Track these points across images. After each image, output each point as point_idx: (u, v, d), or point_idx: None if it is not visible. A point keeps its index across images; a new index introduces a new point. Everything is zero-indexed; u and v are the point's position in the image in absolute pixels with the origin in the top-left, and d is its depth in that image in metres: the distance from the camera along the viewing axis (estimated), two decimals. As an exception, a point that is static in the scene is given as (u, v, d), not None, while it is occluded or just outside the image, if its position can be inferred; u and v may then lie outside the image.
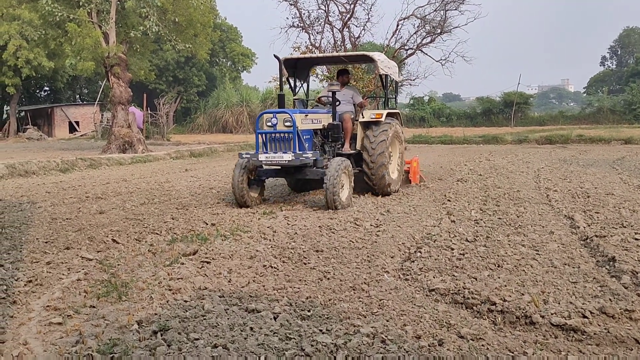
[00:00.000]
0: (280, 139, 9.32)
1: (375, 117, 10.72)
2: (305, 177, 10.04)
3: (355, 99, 11.28)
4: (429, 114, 54.22)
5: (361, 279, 5.50)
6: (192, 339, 3.95)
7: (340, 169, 9.18)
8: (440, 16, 28.23)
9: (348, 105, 11.16)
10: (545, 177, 13.76)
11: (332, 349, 3.80)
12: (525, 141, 30.28)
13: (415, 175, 12.76)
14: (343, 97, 11.09)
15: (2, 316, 4.51)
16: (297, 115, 9.31)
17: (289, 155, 9.03)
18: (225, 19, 62.36)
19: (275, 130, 9.31)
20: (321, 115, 10.43)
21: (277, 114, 9.35)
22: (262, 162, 9.24)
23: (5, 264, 6.04)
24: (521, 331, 4.26)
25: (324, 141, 10.55)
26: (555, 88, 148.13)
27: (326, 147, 10.55)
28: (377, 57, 10.98)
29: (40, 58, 38.34)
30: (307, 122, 9.73)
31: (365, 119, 10.81)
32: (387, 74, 11.34)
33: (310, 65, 12.51)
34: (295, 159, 9.00)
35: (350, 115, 10.76)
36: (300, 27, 27.79)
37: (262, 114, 9.66)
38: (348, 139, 10.76)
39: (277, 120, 9.31)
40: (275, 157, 9.13)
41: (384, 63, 11.12)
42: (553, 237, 7.12)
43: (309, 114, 9.97)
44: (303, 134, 9.43)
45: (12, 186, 13.16)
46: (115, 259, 6.32)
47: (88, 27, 23.11)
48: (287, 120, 9.24)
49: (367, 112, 10.98)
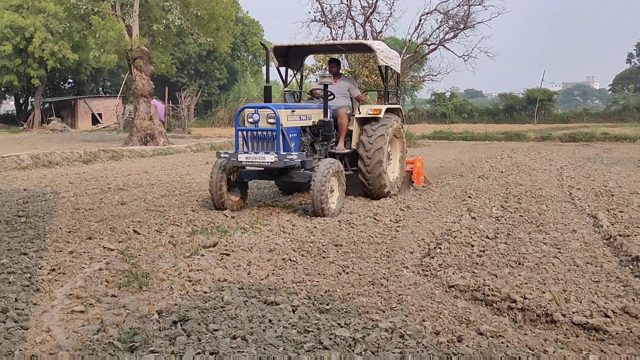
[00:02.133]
0: (262, 138, 8.36)
1: (373, 113, 9.78)
2: (292, 180, 9.10)
3: (352, 92, 10.41)
4: (451, 110, 53.82)
5: (380, 274, 5.49)
6: (212, 330, 3.98)
7: (330, 171, 8.21)
8: (464, 11, 27.92)
9: (344, 99, 10.24)
10: (568, 175, 13.61)
11: (350, 343, 3.80)
12: (548, 138, 29.98)
13: (418, 176, 11.70)
14: (338, 90, 10.13)
15: (25, 303, 4.57)
16: (281, 111, 8.33)
17: (272, 156, 8.08)
18: (247, 12, 62.42)
19: (257, 128, 8.33)
20: (311, 111, 9.40)
21: (259, 109, 8.35)
22: (242, 162, 8.29)
23: (29, 253, 6.12)
24: (542, 329, 4.22)
25: (314, 140, 9.52)
26: (580, 85, 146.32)
27: (317, 146, 9.54)
28: (377, 47, 10.01)
29: (65, 50, 38.73)
30: (293, 118, 8.76)
31: (362, 114, 9.87)
32: (387, 65, 10.25)
33: (303, 54, 11.43)
34: (279, 160, 8.06)
35: (346, 111, 9.85)
36: (322, 22, 27.64)
37: (243, 108, 8.61)
38: (343, 137, 9.86)
39: (259, 116, 8.31)
40: (256, 157, 8.17)
41: (383, 53, 10.10)
42: (575, 235, 7.05)
43: (297, 109, 8.96)
44: (289, 132, 8.49)
45: (36, 176, 13.32)
46: (136, 250, 6.38)
47: (112, 20, 23.28)
48: (271, 116, 8.24)
49: (364, 107, 10.06)
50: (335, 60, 10.77)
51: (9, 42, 38.56)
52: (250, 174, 9.07)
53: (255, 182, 10.94)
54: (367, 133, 9.64)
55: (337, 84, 10.13)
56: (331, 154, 9.58)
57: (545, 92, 52.69)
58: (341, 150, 9.73)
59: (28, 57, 40.10)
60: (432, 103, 57.36)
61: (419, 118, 51.46)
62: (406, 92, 55.92)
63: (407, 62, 29.25)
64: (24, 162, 15.32)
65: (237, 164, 8.48)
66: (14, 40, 38.56)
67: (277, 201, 10.07)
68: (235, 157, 8.28)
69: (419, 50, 29.10)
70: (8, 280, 5.11)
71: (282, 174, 8.70)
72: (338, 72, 10.55)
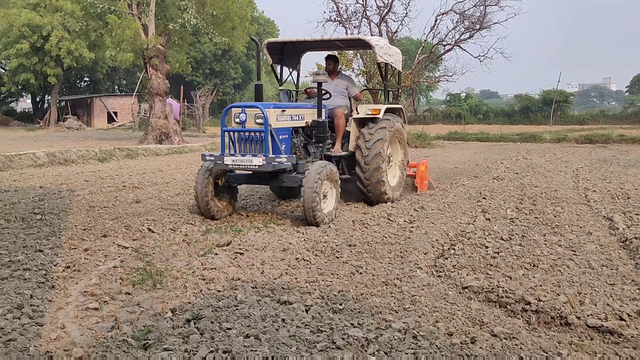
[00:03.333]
0: (249, 139, 7.69)
1: (371, 113, 9.17)
2: (283, 185, 8.53)
3: (350, 91, 9.78)
4: (466, 111, 53.65)
5: (394, 275, 5.48)
6: (225, 329, 3.99)
7: (322, 175, 7.61)
8: (480, 11, 27.83)
9: (341, 98, 9.60)
10: (584, 176, 13.51)
11: (363, 343, 3.80)
12: (564, 140, 29.76)
13: (422, 181, 11.06)
14: (335, 88, 9.51)
15: (41, 300, 4.61)
16: (270, 111, 7.70)
17: (259, 159, 7.43)
18: (262, 12, 62.58)
19: (244, 129, 7.67)
20: (305, 111, 8.74)
21: (246, 109, 7.71)
22: (227, 165, 7.67)
23: (45, 250, 6.17)
24: (556, 332, 4.20)
25: (308, 141, 8.85)
26: (597, 87, 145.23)
27: (311, 148, 8.85)
28: (375, 42, 9.35)
29: (82, 49, 39.06)
30: (284, 118, 8.11)
31: (360, 115, 9.25)
32: (387, 62, 9.59)
33: (300, 50, 10.68)
34: (267, 163, 7.41)
35: (343, 111, 9.19)
36: (337, 21, 27.67)
37: (229, 107, 7.96)
38: (340, 138, 9.17)
39: (247, 116, 7.66)
40: (243, 160, 7.53)
41: (382, 49, 9.44)
42: (591, 237, 6.99)
43: (288, 108, 8.31)
44: (278, 133, 7.87)
45: (52, 174, 13.43)
46: (150, 248, 6.41)
47: (128, 19, 23.42)
48: (259, 116, 7.62)
49: (362, 106, 9.45)
50: (333, 57, 10.08)
51: (26, 41, 38.96)
52: (238, 178, 8.47)
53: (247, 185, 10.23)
54: (365, 137, 9.04)
55: (334, 81, 9.64)
56: (327, 157, 8.94)
57: (561, 93, 52.40)
58: (338, 153, 9.07)
59: (45, 56, 40.47)
60: (447, 104, 57.24)
61: (433, 118, 51.37)
62: (421, 93, 55.83)
63: (423, 62, 29.20)
64: (40, 159, 15.46)
65: (223, 167, 7.86)
66: (31, 38, 38.94)
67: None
68: (221, 160, 7.66)
69: (434, 50, 29.05)
70: (24, 277, 5.15)
71: (272, 178, 8.17)
72: (335, 69, 9.96)
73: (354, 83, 10.11)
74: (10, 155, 14.87)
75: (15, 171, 13.83)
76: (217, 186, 8.22)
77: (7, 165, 14.32)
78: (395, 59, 10.06)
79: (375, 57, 9.34)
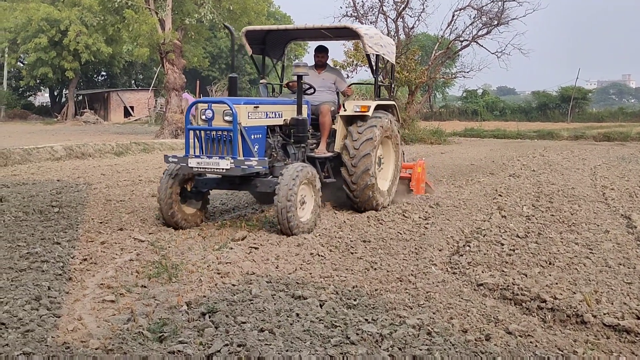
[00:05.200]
0: (217, 139, 6.81)
1: (360, 110, 8.28)
2: (256, 190, 7.62)
3: (338, 85, 8.87)
4: (482, 107, 53.27)
5: (408, 271, 5.47)
6: (239, 322, 4.01)
7: (298, 179, 6.73)
8: (498, 7, 27.72)
9: (329, 93, 8.74)
10: (602, 174, 13.39)
11: (377, 339, 3.80)
12: (582, 137, 29.53)
13: (418, 184, 9.90)
14: (323, 82, 8.68)
15: (58, 292, 4.66)
16: (240, 107, 6.78)
17: (227, 162, 6.58)
18: (279, 7, 62.58)
19: (211, 127, 6.79)
20: (283, 107, 7.80)
21: (213, 105, 6.84)
22: (192, 169, 6.81)
23: (62, 242, 6.23)
24: (572, 330, 4.17)
25: (287, 141, 7.89)
26: (616, 84, 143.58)
27: (290, 149, 7.92)
28: (364, 32, 8.38)
29: (99, 44, 39.32)
30: (257, 116, 7.17)
31: (348, 112, 8.34)
32: (377, 53, 8.64)
33: (284, 40, 9.75)
34: (236, 166, 6.56)
35: (329, 107, 8.30)
36: (353, 17, 27.64)
37: (194, 103, 7.28)
38: (325, 138, 8.32)
39: (214, 112, 6.76)
40: (209, 163, 6.66)
41: (373, 39, 8.46)
42: (608, 236, 6.93)
43: (262, 104, 7.35)
44: (250, 132, 6.95)
45: (70, 167, 13.55)
46: (166, 242, 6.44)
47: (145, 14, 23.56)
48: (227, 113, 6.70)
49: (350, 103, 8.49)
50: (324, 48, 9.03)
51: (44, 35, 39.24)
52: (208, 182, 7.50)
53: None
54: (352, 136, 8.15)
55: (321, 75, 8.78)
56: (310, 158, 8.08)
57: (579, 90, 51.87)
58: (322, 154, 8.17)
59: (63, 50, 40.76)
60: (463, 100, 56.87)
61: (449, 115, 51.04)
62: (437, 89, 55.53)
63: (439, 58, 29.09)
64: (58, 153, 15.61)
65: (187, 171, 6.99)
66: (49, 33, 39.22)
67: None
68: (184, 162, 6.80)
69: (451, 46, 28.91)
70: (41, 269, 5.21)
71: (244, 183, 7.29)
72: (325, 63, 9.05)
73: (343, 77, 9.32)
74: (28, 149, 15.02)
75: (33, 164, 13.97)
76: (185, 191, 7.33)
77: (26, 158, 14.46)
78: (388, 50, 9.07)
79: (364, 48, 8.37)
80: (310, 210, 7.11)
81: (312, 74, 8.56)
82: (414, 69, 26.28)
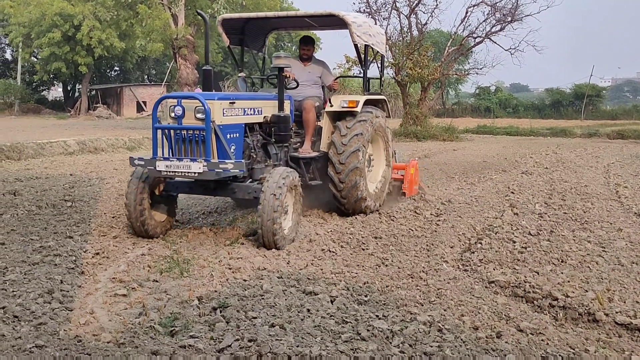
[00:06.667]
0: (188, 139, 6.00)
1: (348, 106, 7.64)
2: (233, 196, 7.02)
3: (324, 79, 8.25)
4: (495, 104, 53.01)
5: (419, 268, 5.47)
6: (250, 317, 4.02)
7: (284, 187, 6.01)
8: (512, 3, 27.51)
9: (314, 87, 8.10)
10: (615, 172, 13.29)
11: (388, 335, 3.80)
12: (595, 135, 29.30)
13: (411, 185, 9.22)
14: (308, 76, 8.04)
15: (70, 285, 4.69)
16: (214, 103, 5.97)
17: (199, 165, 5.79)
18: (291, 3, 62.50)
19: (181, 125, 5.96)
20: (263, 103, 7.02)
21: (183, 100, 6.00)
22: (161, 172, 6.00)
23: (75, 236, 6.28)
24: (583, 328, 4.15)
25: (267, 141, 7.13)
26: (630, 81, 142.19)
27: (272, 149, 7.19)
28: (351, 20, 7.59)
29: (112, 39, 39.41)
30: (233, 112, 6.35)
31: (334, 107, 7.71)
32: (366, 43, 7.98)
33: (265, 30, 9.01)
34: (209, 170, 5.77)
35: (314, 103, 7.68)
36: (366, 13, 27.51)
37: (162, 98, 6.28)
38: (310, 136, 7.68)
39: (184, 109, 5.93)
40: (179, 166, 5.88)
41: (361, 28, 7.79)
42: (621, 234, 6.89)
43: (239, 100, 6.53)
44: (226, 131, 6.13)
45: (82, 162, 13.63)
46: (177, 237, 6.48)
47: (158, 9, 23.63)
48: (199, 109, 5.89)
49: (336, 98, 7.85)
50: (311, 40, 8.42)
51: (58, 30, 39.39)
52: (179, 186, 6.80)
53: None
54: (340, 131, 7.49)
55: (306, 68, 8.13)
56: (293, 159, 7.45)
57: (593, 87, 51.47)
58: (307, 154, 7.53)
59: (76, 45, 40.90)
60: (476, 97, 56.61)
61: (462, 112, 50.86)
62: (450, 86, 55.32)
63: (452, 55, 28.95)
64: (71, 147, 15.71)
65: (155, 175, 6.20)
66: (63, 27, 39.36)
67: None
68: (152, 165, 5.99)
69: (464, 43, 28.75)
70: (54, 263, 5.25)
71: (220, 188, 6.53)
72: (311, 55, 8.37)
73: (330, 70, 8.60)
74: (41, 143, 15.13)
75: (46, 158, 14.07)
76: (154, 195, 6.59)
77: (39, 152, 14.57)
78: (377, 40, 8.42)
79: (352, 37, 7.64)
80: (291, 219, 6.39)
81: (297, 66, 7.94)
82: (426, 66, 26.18)
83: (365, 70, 8.32)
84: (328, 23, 8.88)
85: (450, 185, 10.95)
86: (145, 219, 6.32)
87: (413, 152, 18.34)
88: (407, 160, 9.82)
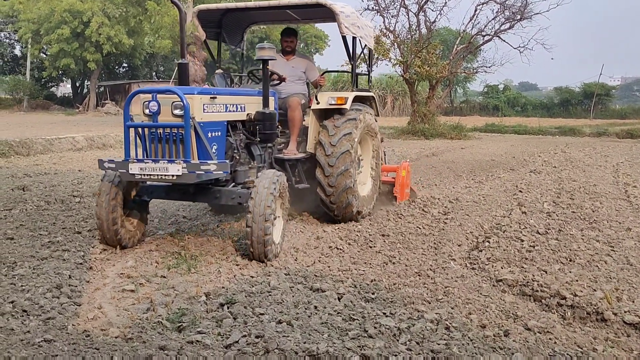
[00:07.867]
0: (165, 138, 5.34)
1: (336, 103, 7.05)
2: (215, 202, 6.14)
3: (309, 75, 7.76)
4: (503, 103, 52.83)
5: (427, 265, 5.46)
6: (258, 314, 4.03)
7: (275, 193, 5.44)
8: (521, 1, 27.39)
9: (299, 84, 7.61)
10: (624, 172, 13.23)
11: (395, 333, 3.79)
12: (604, 134, 29.17)
13: (403, 189, 8.59)
14: (292, 70, 7.55)
15: (79, 280, 4.71)
16: (193, 98, 5.32)
17: (177, 167, 5.10)
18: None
19: (156, 123, 5.30)
20: (246, 99, 6.39)
21: (158, 95, 5.31)
22: (134, 176, 5.27)
23: (83, 232, 6.31)
24: (591, 327, 4.13)
25: (251, 140, 6.49)
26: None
27: (255, 149, 6.58)
28: (340, 9, 7.03)
29: (121, 35, 39.53)
30: (215, 109, 5.70)
31: (321, 105, 7.12)
32: (355, 35, 7.36)
33: (244, 23, 8.49)
34: (189, 172, 5.08)
35: (299, 100, 7.19)
36: (375, 10, 27.46)
37: (135, 93, 5.48)
38: (295, 136, 7.18)
39: (160, 105, 5.27)
40: (155, 169, 5.17)
41: (350, 19, 7.18)
42: (630, 233, 6.85)
43: (220, 95, 5.85)
44: (207, 130, 5.49)
45: (91, 158, 13.67)
46: (185, 232, 6.48)
47: (167, 6, 23.68)
48: (177, 105, 5.24)
49: (323, 95, 7.22)
50: (293, 32, 7.88)
51: (67, 26, 39.53)
52: (154, 190, 6.07)
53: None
54: (329, 131, 6.98)
55: (290, 62, 7.65)
56: (278, 160, 6.95)
57: (603, 86, 51.23)
58: (292, 155, 7.04)
59: (85, 41, 41.03)
60: (484, 95, 56.42)
61: (470, 110, 50.73)
62: (458, 84, 55.15)
63: (461, 53, 28.86)
64: (79, 143, 15.78)
65: (128, 179, 5.43)
66: (72, 24, 39.49)
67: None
68: (124, 168, 5.27)
69: (473, 41, 28.67)
70: (62, 258, 5.27)
71: (201, 192, 5.88)
72: (295, 48, 7.87)
73: (314, 65, 8.08)
74: (50, 139, 15.20)
75: (55, 154, 14.13)
76: (126, 200, 5.92)
77: (47, 148, 14.64)
78: (366, 33, 7.84)
79: (340, 28, 7.06)
80: (280, 226, 5.81)
81: (279, 60, 7.31)
82: (435, 64, 26.11)
83: (354, 65, 7.67)
84: (313, 15, 8.40)
85: (458, 183, 10.92)
86: (118, 229, 5.66)
87: (421, 150, 18.34)
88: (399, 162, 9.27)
